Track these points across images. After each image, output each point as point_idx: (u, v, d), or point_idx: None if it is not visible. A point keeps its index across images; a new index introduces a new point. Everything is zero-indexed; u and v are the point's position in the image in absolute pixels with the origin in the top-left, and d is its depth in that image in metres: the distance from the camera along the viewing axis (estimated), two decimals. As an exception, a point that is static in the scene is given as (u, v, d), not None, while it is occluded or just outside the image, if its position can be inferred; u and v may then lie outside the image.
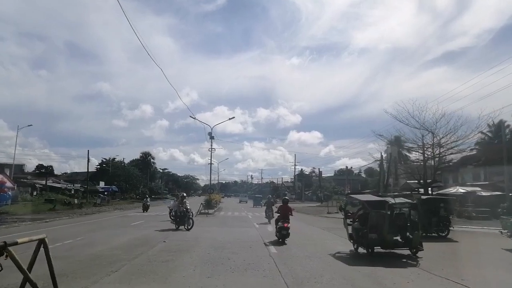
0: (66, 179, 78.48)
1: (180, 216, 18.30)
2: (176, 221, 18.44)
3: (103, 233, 16.17)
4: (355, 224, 11.78)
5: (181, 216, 18.27)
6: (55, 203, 42.32)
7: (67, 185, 66.55)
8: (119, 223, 22.34)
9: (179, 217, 18.30)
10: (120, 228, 18.96)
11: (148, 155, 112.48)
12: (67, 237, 14.25)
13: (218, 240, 13.70)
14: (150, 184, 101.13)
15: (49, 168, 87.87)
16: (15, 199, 44.21)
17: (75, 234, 15.47)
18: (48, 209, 36.24)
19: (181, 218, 18.24)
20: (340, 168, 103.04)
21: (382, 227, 10.60)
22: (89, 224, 21.70)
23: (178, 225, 18.20)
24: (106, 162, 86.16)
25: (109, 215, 31.32)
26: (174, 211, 19.40)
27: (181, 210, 18.37)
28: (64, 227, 19.52)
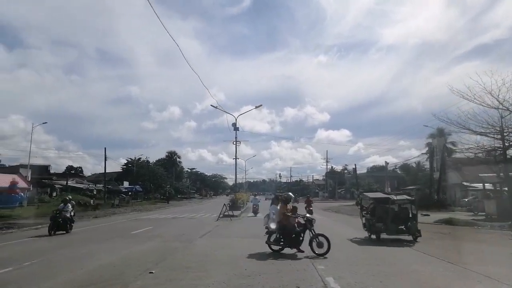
0: (91, 180, 76.36)
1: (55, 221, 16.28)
2: (50, 226, 16.23)
3: (78, 250, 11.55)
4: (367, 216, 14.78)
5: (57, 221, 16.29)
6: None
7: (89, 185, 63.90)
8: (119, 230, 17.90)
9: (55, 222, 16.31)
10: (113, 239, 14.34)
11: (174, 154, 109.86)
12: (19, 259, 9.81)
13: (240, 264, 8.83)
14: (176, 184, 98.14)
15: (78, 169, 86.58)
16: (31, 200, 41.63)
17: (35, 253, 10.97)
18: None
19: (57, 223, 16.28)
20: (373, 165, 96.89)
21: (386, 218, 13.68)
22: (81, 233, 17.37)
23: (51, 230, 16.01)
24: (131, 162, 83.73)
25: (119, 219, 27.15)
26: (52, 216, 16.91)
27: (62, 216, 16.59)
28: (37, 240, 15.12)
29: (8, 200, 36.40)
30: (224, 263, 9.07)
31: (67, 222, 16.86)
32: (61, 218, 16.56)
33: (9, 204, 35.45)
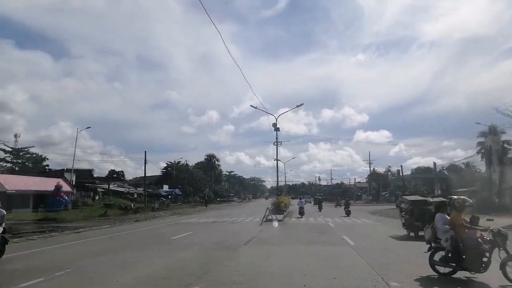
0: (132, 183, 77.70)
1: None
2: None
3: (115, 258, 10.60)
4: (406, 217, 16.70)
5: None
6: (112, 207, 39.41)
7: (129, 189, 64.81)
8: (159, 235, 17.00)
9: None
10: (152, 245, 13.35)
11: (212, 157, 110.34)
12: (53, 267, 8.95)
13: (295, 279, 7.43)
14: (215, 187, 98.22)
15: (120, 173, 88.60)
16: (75, 203, 42.38)
17: (70, 261, 10.10)
18: (98, 215, 32.74)
19: None
20: (418, 167, 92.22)
21: (423, 217, 14.87)
22: (121, 237, 16.64)
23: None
24: (170, 165, 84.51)
25: (159, 223, 26.50)
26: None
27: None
28: (76, 245, 14.43)
29: (54, 203, 37.07)
30: (277, 276, 7.71)
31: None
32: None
33: (55, 207, 36.07)
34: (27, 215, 30.98)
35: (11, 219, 27.07)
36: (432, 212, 14.72)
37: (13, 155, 61.22)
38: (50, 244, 14.16)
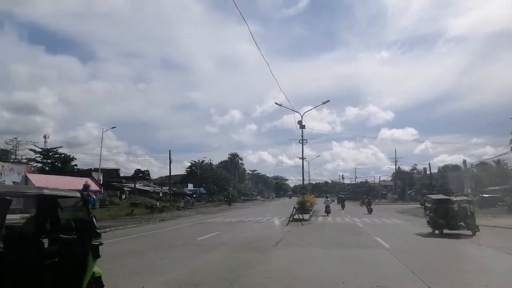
0: (157, 183, 78.64)
1: None
2: None
3: (141, 260, 10.33)
4: (430, 214, 17.28)
5: None
6: (138, 206, 39.76)
7: (155, 188, 65.52)
8: (185, 236, 16.72)
9: None
10: (179, 246, 13.02)
11: (236, 156, 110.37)
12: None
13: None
14: (239, 186, 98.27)
15: (146, 172, 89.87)
16: (102, 202, 43.01)
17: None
18: (125, 214, 33.00)
19: None
20: (445, 164, 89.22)
21: (447, 215, 15.95)
22: (147, 237, 16.49)
23: None
24: (194, 164, 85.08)
25: (184, 222, 26.40)
26: None
27: None
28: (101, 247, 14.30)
29: (82, 203, 37.58)
30: (313, 284, 7.19)
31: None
32: None
33: (83, 206, 36.56)
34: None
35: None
36: (456, 210, 16.14)
37: (43, 156, 62.91)
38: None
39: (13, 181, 34.48)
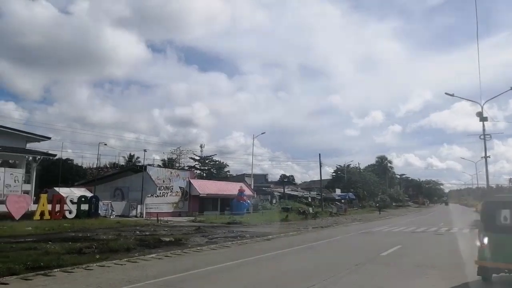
0: (304, 187, 78.21)
1: None
2: None
3: (326, 280, 8.25)
4: None
5: None
6: (291, 211, 38.99)
7: (303, 193, 64.80)
8: (363, 250, 14.20)
9: None
10: (364, 265, 10.60)
11: (384, 159, 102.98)
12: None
13: None
14: (389, 191, 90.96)
15: (290, 178, 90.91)
16: (255, 207, 43.83)
17: (275, 283, 8.18)
18: (280, 219, 32.31)
19: None
20: None
21: None
22: (316, 250, 14.57)
23: None
24: (340, 169, 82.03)
25: (345, 230, 23.93)
26: None
27: None
28: (275, 258, 12.82)
29: (238, 207, 38.79)
30: None
31: None
32: None
33: (239, 211, 37.60)
34: (217, 218, 32.78)
35: (204, 221, 28.90)
36: None
37: (201, 163, 68.98)
38: (248, 253, 12.96)
39: (180, 186, 37.49)
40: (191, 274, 8.84)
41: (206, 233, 20.18)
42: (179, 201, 37.01)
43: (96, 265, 9.74)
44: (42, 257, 10.33)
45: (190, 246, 14.54)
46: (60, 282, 7.89)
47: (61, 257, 10.33)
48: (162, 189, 35.27)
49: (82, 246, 12.53)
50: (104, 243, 13.37)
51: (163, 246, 14.26)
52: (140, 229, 20.99)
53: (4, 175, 24.20)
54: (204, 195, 38.61)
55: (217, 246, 14.68)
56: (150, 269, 9.45)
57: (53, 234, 17.66)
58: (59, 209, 24.45)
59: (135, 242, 14.45)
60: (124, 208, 31.50)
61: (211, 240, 16.85)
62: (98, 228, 20.83)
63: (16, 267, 8.79)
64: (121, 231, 19.29)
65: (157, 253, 12.24)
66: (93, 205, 26.79)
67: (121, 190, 35.20)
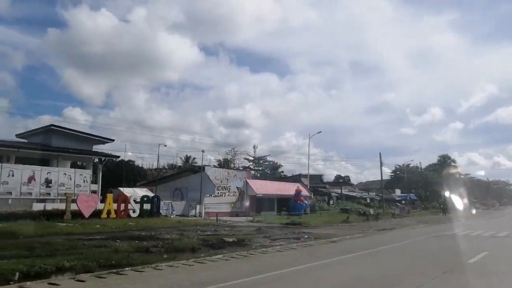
0: (361, 188, 75.65)
1: None
2: None
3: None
4: None
5: None
6: (350, 213, 37.61)
7: (362, 193, 62.58)
8: (442, 255, 12.89)
9: None
10: (452, 273, 9.48)
11: (447, 159, 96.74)
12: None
13: None
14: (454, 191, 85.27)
15: (346, 178, 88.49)
16: (312, 208, 42.89)
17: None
18: (340, 221, 31.15)
19: None
20: None
21: None
22: (388, 254, 13.50)
23: None
24: (399, 168, 78.36)
25: (414, 233, 22.35)
26: None
27: None
28: (345, 262, 11.97)
29: (295, 207, 38.04)
30: None
31: None
32: None
33: (296, 211, 36.86)
34: (275, 218, 32.31)
35: (262, 222, 28.53)
36: None
37: (255, 163, 69.16)
38: (316, 257, 12.24)
39: (237, 186, 37.54)
40: (262, 278, 8.32)
41: (268, 234, 19.72)
42: (236, 201, 37.05)
43: (164, 265, 9.57)
44: (113, 255, 10.41)
45: (254, 247, 14.14)
46: (132, 281, 7.74)
47: (130, 256, 10.34)
48: (220, 189, 35.49)
49: (149, 245, 12.58)
50: (169, 242, 13.35)
51: (226, 246, 14.01)
52: (201, 229, 21.04)
53: (74, 175, 25.51)
54: (261, 195, 38.33)
55: (282, 248, 14.11)
56: (219, 271, 9.10)
57: (119, 232, 18.14)
58: (123, 208, 25.26)
59: (199, 242, 14.33)
60: (183, 208, 32.04)
61: (274, 241, 16.36)
62: (161, 227, 21.16)
63: (90, 265, 8.86)
64: (183, 231, 19.42)
65: (223, 254, 11.93)
66: (155, 205, 27.43)
67: (180, 190, 35.90)
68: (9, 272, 7.56)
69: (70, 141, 30.40)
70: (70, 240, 14.01)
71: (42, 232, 16.28)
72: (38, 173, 23.75)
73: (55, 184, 24.37)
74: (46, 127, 31.55)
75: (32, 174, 23.40)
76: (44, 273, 7.95)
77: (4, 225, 17.92)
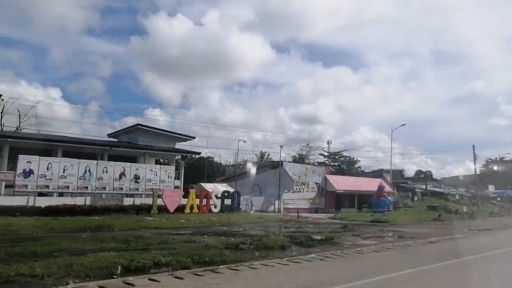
0: (448, 183, 69.80)
1: None
2: None
3: None
4: None
5: None
6: (438, 210, 34.62)
7: (449, 189, 57.64)
8: None
9: None
10: None
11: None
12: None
13: None
14: None
15: (428, 173, 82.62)
16: (395, 204, 40.44)
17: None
18: (431, 219, 28.63)
19: None
20: None
21: None
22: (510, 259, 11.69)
23: None
24: (491, 162, 71.10)
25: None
26: None
27: None
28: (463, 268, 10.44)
29: (378, 204, 36.01)
30: None
31: None
32: None
33: (379, 208, 34.86)
34: (357, 215, 30.81)
35: (345, 219, 27.23)
36: None
37: (330, 159, 67.31)
38: (421, 259, 10.93)
39: (315, 182, 36.52)
40: (372, 283, 7.39)
41: (356, 231, 18.54)
42: (315, 197, 36.07)
43: (258, 264, 9.06)
44: (204, 251, 10.16)
45: (346, 246, 13.15)
46: (231, 281, 7.31)
47: (222, 253, 10.02)
48: (298, 185, 34.77)
49: (238, 242, 12.23)
50: (257, 239, 12.88)
51: (316, 245, 13.24)
52: (284, 225, 20.51)
53: (160, 171, 26.52)
54: (341, 191, 36.89)
55: (377, 248, 12.92)
56: (318, 273, 8.36)
57: (204, 227, 18.26)
58: (205, 203, 25.69)
59: (286, 239, 13.70)
60: (262, 204, 31.87)
61: (365, 240, 15.21)
62: (243, 222, 21.02)
63: (184, 261, 8.65)
64: (266, 227, 19.03)
65: (316, 253, 11.15)
66: (236, 200, 27.54)
67: (258, 185, 35.85)
68: (112, 265, 7.56)
69: (154, 139, 31.86)
70: (160, 234, 14.24)
71: (133, 225, 16.94)
72: (128, 170, 25.05)
73: (143, 180, 25.53)
74: (133, 126, 33.44)
75: (122, 171, 24.74)
76: (143, 268, 7.86)
77: (100, 218, 19.07)
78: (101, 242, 11.26)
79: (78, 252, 9.36)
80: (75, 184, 22.99)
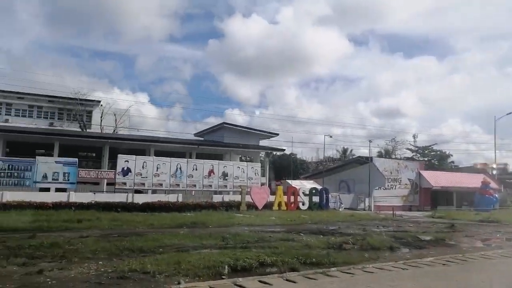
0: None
1: None
2: None
3: None
4: None
5: None
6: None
7: None
8: None
9: None
10: None
11: None
12: None
13: None
14: None
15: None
16: (502, 202, 36.13)
17: None
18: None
19: None
20: None
21: None
22: None
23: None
24: None
25: None
26: None
27: None
28: None
29: (482, 202, 32.32)
30: None
31: None
32: None
33: (484, 206, 31.26)
34: (459, 214, 27.79)
35: (444, 217, 24.62)
36: None
37: (419, 154, 62.56)
38: None
39: (408, 178, 33.93)
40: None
41: (467, 232, 16.47)
42: (409, 194, 33.51)
43: (372, 267, 8.04)
44: (308, 251, 9.44)
45: (464, 249, 11.50)
46: (349, 286, 6.45)
47: (328, 253, 9.21)
48: (390, 181, 32.56)
49: (340, 241, 11.31)
50: (360, 238, 11.84)
51: (427, 246, 11.82)
52: (381, 224, 19.08)
53: (247, 169, 26.51)
54: (437, 187, 33.80)
55: (505, 253, 11.04)
56: (452, 282, 7.10)
57: (296, 225, 17.65)
58: (293, 200, 25.07)
59: (391, 240, 12.44)
60: (351, 201, 30.39)
61: (485, 243, 13.28)
62: (335, 221, 20.01)
63: (290, 261, 8.01)
64: (362, 225, 17.85)
65: (432, 256, 9.77)
66: (324, 197, 26.51)
67: (346, 182, 34.33)
68: (218, 264, 7.19)
69: (239, 137, 32.11)
70: (255, 231, 13.85)
71: (225, 222, 16.92)
72: (216, 167, 25.42)
73: (231, 177, 25.71)
74: (219, 125, 34.13)
75: (211, 168, 25.16)
76: (249, 268, 7.39)
77: (193, 214, 19.45)
78: (200, 239, 11.15)
79: (181, 249, 9.27)
80: (168, 182, 23.86)
